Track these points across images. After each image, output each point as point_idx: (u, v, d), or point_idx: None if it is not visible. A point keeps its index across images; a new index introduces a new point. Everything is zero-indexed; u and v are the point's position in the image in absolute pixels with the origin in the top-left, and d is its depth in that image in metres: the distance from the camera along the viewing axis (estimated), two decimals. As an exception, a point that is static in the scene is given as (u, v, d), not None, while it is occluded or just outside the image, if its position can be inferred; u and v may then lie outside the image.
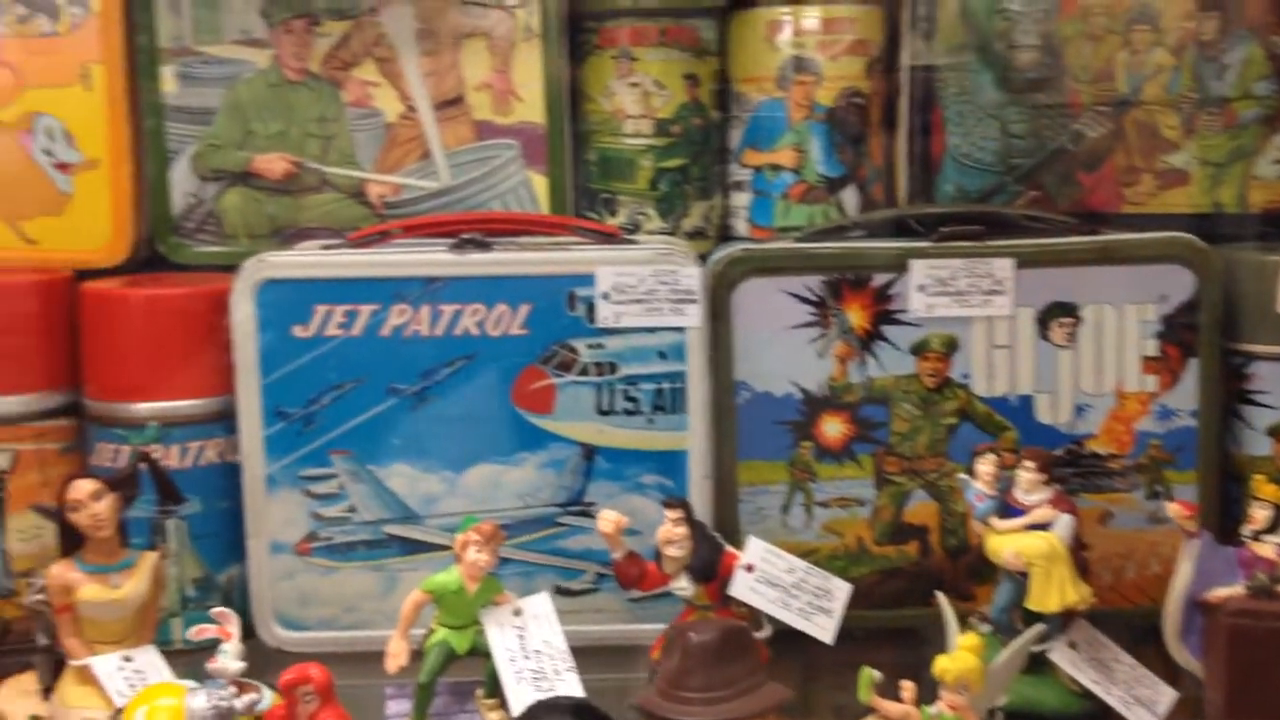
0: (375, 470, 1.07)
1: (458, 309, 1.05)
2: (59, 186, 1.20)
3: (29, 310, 1.11)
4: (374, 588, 1.08)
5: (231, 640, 0.80)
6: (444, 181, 1.22)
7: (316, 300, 1.05)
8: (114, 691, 0.84)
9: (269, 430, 1.06)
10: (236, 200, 1.21)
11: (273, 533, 1.07)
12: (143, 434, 0.94)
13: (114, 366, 1.10)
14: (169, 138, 1.20)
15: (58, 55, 1.18)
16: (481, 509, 1.07)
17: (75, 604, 0.86)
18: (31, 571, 1.11)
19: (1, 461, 1.09)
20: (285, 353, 1.05)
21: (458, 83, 1.21)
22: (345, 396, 1.06)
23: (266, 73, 1.20)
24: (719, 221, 1.26)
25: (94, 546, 0.87)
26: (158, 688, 0.78)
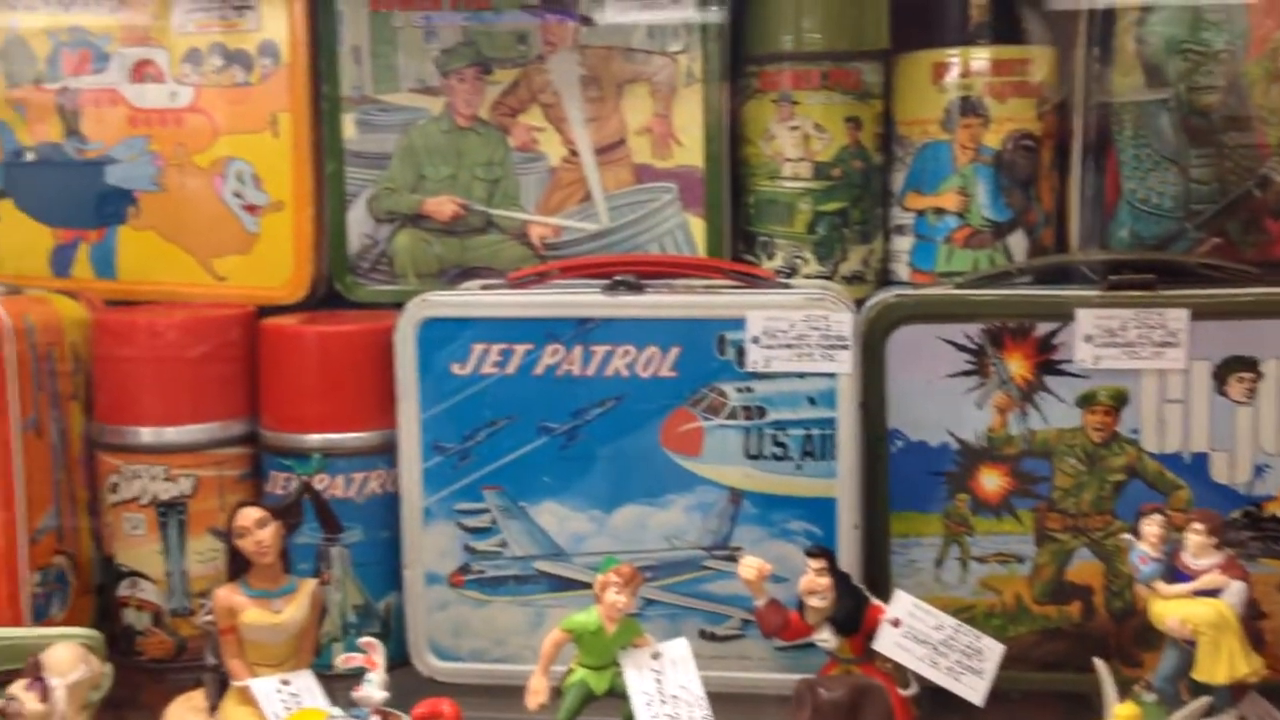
0: (526, 506, 1.08)
1: (609, 350, 1.06)
2: (246, 227, 1.27)
3: (215, 343, 1.17)
4: (523, 622, 1.09)
5: (377, 670, 0.82)
6: (603, 224, 1.23)
7: (474, 339, 1.07)
8: (271, 713, 0.87)
9: (427, 464, 1.09)
10: (407, 241, 1.26)
11: (428, 564, 1.10)
12: (308, 464, 0.98)
13: (287, 398, 1.15)
14: (348, 181, 1.26)
15: (249, 104, 1.25)
16: (628, 549, 1.07)
17: (239, 626, 0.90)
18: (207, 592, 1.17)
19: (184, 486, 1.15)
20: (443, 389, 1.08)
21: (619, 127, 1.23)
22: (499, 433, 1.08)
23: (439, 119, 1.24)
24: (878, 265, 1.23)
25: (258, 572, 0.91)
26: (305, 714, 0.80)
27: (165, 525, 1.15)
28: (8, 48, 1.27)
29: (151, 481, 1.15)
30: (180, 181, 1.27)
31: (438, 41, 1.23)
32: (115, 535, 1.17)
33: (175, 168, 1.27)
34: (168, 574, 1.16)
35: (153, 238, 1.28)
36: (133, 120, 1.26)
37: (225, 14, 1.24)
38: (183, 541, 1.16)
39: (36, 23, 1.26)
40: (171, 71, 1.26)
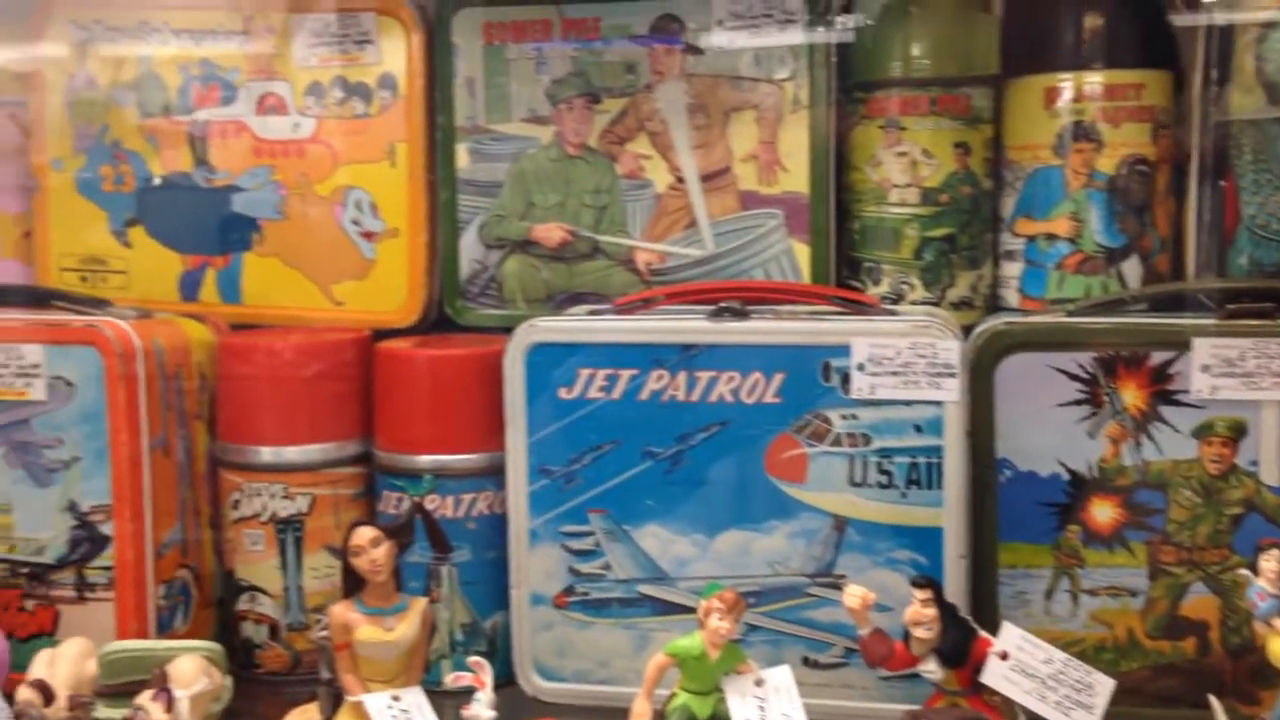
0: (630, 530, 1.09)
1: (713, 376, 1.06)
2: (364, 253, 1.30)
3: (332, 366, 1.20)
4: (626, 645, 1.10)
5: (485, 689, 0.83)
6: (708, 250, 1.24)
7: (580, 364, 1.08)
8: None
9: (533, 486, 1.10)
10: (516, 267, 1.28)
11: (534, 584, 1.11)
12: (419, 485, 1.00)
13: (400, 420, 1.17)
14: (460, 209, 1.28)
15: (368, 134, 1.29)
16: (731, 575, 1.07)
17: (353, 642, 0.92)
18: (322, 608, 1.20)
19: (301, 504, 1.18)
20: (550, 413, 1.09)
21: (725, 154, 1.23)
22: (604, 457, 1.09)
23: (548, 148, 1.26)
24: (987, 292, 1.21)
25: (372, 590, 0.93)
26: None
27: (283, 541, 1.19)
28: (141, 80, 1.33)
29: (271, 499, 1.18)
30: (302, 209, 1.31)
31: (548, 72, 1.25)
32: (236, 550, 1.21)
33: (297, 196, 1.31)
34: (285, 589, 1.19)
35: (275, 264, 1.32)
36: (258, 151, 1.31)
37: (346, 48, 1.28)
38: (299, 558, 1.19)
39: (169, 57, 1.32)
40: (295, 104, 1.30)
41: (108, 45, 1.33)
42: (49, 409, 1.13)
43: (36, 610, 1.15)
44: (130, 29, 1.32)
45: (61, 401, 1.13)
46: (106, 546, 1.13)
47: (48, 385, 1.12)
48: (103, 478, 1.13)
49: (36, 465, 1.14)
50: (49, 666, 0.91)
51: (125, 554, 1.13)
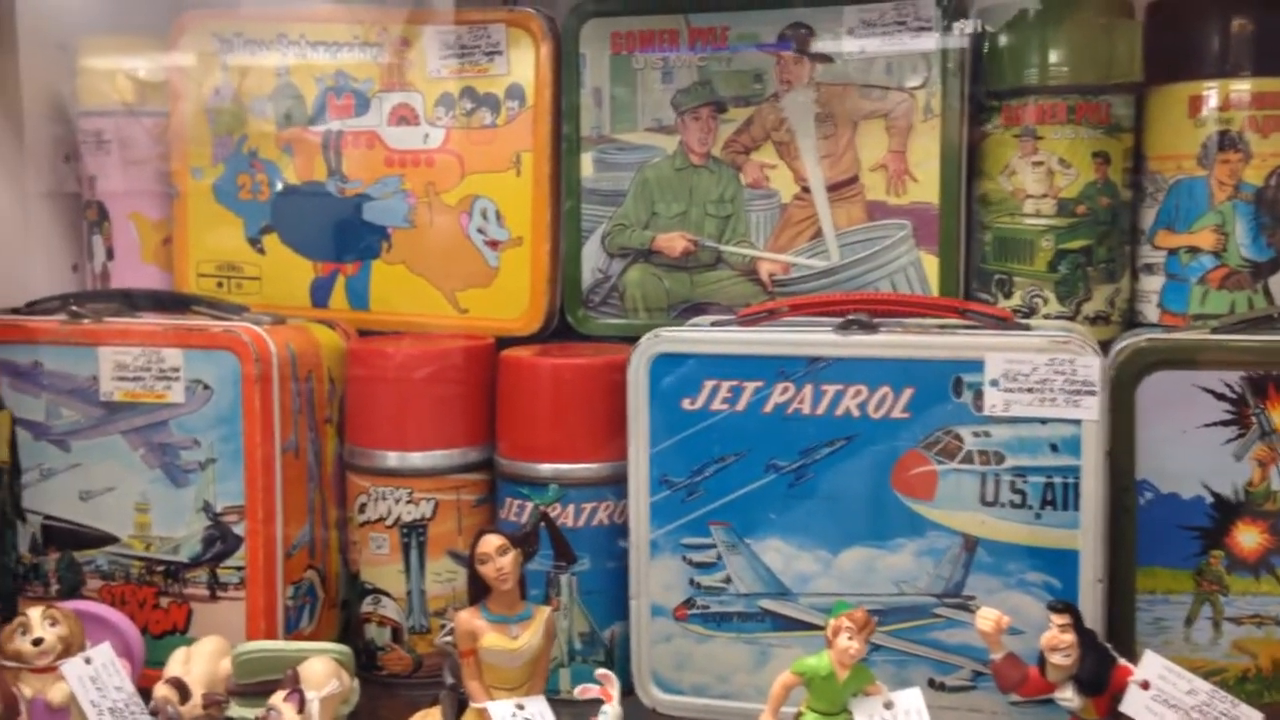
0: (752, 544, 1.07)
1: (840, 389, 1.04)
2: (488, 261, 1.30)
3: (458, 373, 1.21)
4: (746, 660, 1.08)
5: (612, 702, 0.82)
6: (833, 261, 1.21)
7: (705, 375, 1.07)
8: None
9: (655, 497, 1.09)
10: (637, 276, 1.27)
11: (653, 595, 1.10)
12: (545, 494, 0.99)
13: (523, 427, 1.17)
14: (583, 218, 1.28)
15: (495, 144, 1.29)
16: (855, 592, 1.04)
17: (478, 650, 0.91)
18: (444, 611, 1.20)
19: (424, 509, 1.19)
20: (673, 424, 1.08)
21: (853, 164, 1.20)
22: (727, 470, 1.07)
23: (672, 157, 1.25)
24: (1124, 306, 1.16)
25: (497, 597, 0.92)
26: None
27: (407, 546, 1.19)
28: (278, 91, 1.35)
29: (396, 503, 1.19)
30: (429, 218, 1.32)
31: (674, 81, 1.24)
32: (361, 553, 1.22)
33: (425, 205, 1.32)
34: (408, 593, 1.20)
35: (403, 271, 1.33)
36: (388, 161, 1.32)
37: (476, 59, 1.28)
38: (422, 562, 1.19)
39: (305, 68, 1.34)
40: (425, 114, 1.31)
41: (246, 57, 1.35)
42: (187, 411, 1.15)
43: (170, 607, 1.17)
44: (268, 41, 1.35)
45: (199, 404, 1.15)
46: (239, 547, 1.15)
47: (186, 388, 1.15)
48: (237, 479, 1.15)
49: (174, 466, 1.16)
50: (185, 664, 0.93)
51: (257, 554, 1.14)
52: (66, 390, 1.18)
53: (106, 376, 1.16)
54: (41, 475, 1.20)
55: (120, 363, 1.16)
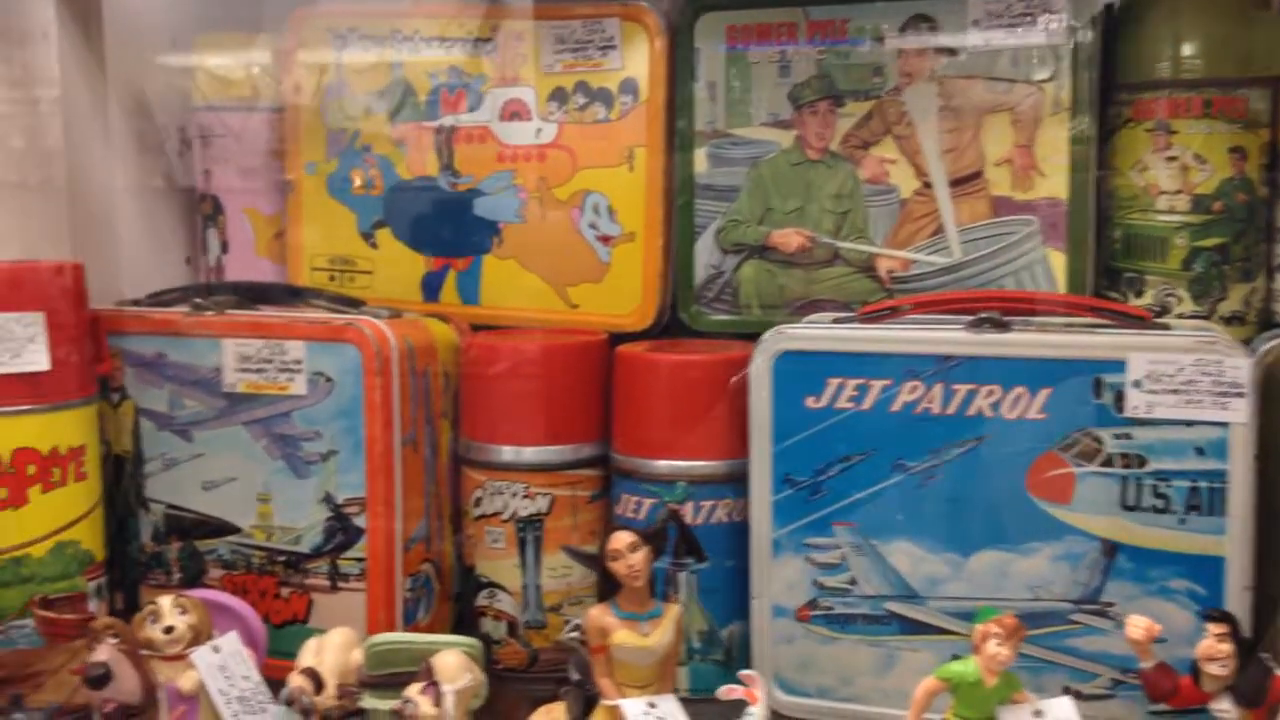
0: (878, 545, 1.04)
1: (972, 389, 1.00)
2: (600, 257, 1.29)
3: (575, 369, 1.19)
4: (872, 663, 1.05)
5: (759, 704, 0.80)
6: (955, 257, 1.18)
7: (830, 373, 1.04)
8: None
9: (777, 496, 1.07)
10: (752, 272, 1.24)
11: (775, 596, 1.07)
12: (674, 491, 0.97)
13: (641, 424, 1.15)
14: (696, 213, 1.26)
15: (608, 139, 1.27)
16: (987, 596, 1.01)
17: (609, 647, 0.90)
18: (559, 606, 1.19)
19: (541, 504, 1.18)
20: (797, 422, 1.05)
21: (977, 158, 1.17)
22: (852, 469, 1.04)
23: (789, 152, 1.22)
24: (1260, 305, 1.12)
25: (628, 595, 0.91)
26: None
27: (523, 540, 1.18)
28: (392, 87, 1.34)
29: (512, 498, 1.18)
30: (540, 213, 1.30)
31: (791, 75, 1.21)
32: (476, 547, 1.21)
33: (536, 200, 1.30)
34: (523, 587, 1.18)
35: (513, 266, 1.32)
36: (500, 156, 1.31)
37: (590, 54, 1.27)
38: (538, 557, 1.18)
39: (419, 64, 1.33)
40: (537, 109, 1.29)
41: (361, 52, 1.35)
42: (309, 403, 1.15)
43: (291, 597, 1.17)
44: (383, 36, 1.34)
45: (320, 396, 1.14)
46: (360, 538, 1.15)
47: (308, 380, 1.14)
48: (357, 471, 1.14)
49: (295, 457, 1.16)
50: (317, 655, 0.92)
51: (377, 546, 1.14)
52: (190, 381, 1.18)
53: (229, 368, 1.16)
54: (164, 465, 1.20)
55: (243, 354, 1.16)
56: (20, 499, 1.03)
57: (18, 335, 1.01)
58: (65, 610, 1.07)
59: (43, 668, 1.06)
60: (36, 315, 1.01)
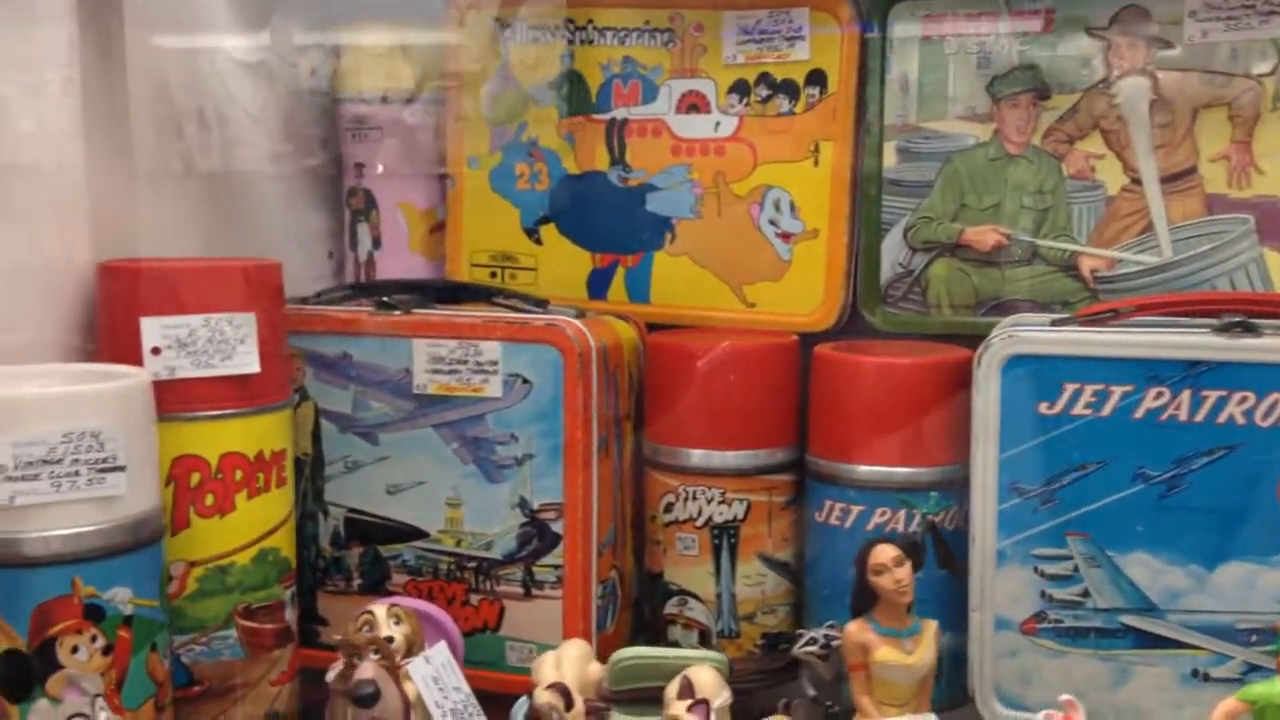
0: (1114, 556, 1.00)
1: (1222, 395, 0.96)
2: (780, 254, 1.25)
3: (770, 370, 1.15)
4: (1104, 678, 1.01)
5: None
6: (1165, 257, 1.14)
7: (1065, 378, 1.00)
8: (909, 757, 0.84)
9: (1004, 505, 1.03)
10: (942, 271, 1.21)
11: (998, 608, 1.04)
12: (926, 501, 0.94)
13: (842, 428, 1.11)
14: (884, 210, 1.22)
15: (792, 133, 1.23)
16: (1232, 610, 0.97)
17: (869, 664, 0.87)
18: (753, 615, 1.16)
19: (737, 510, 1.14)
20: (1026, 428, 1.01)
21: (1190, 154, 1.13)
22: (1088, 478, 1.00)
23: (986, 146, 1.18)
24: None
25: (886, 610, 0.87)
26: None
27: (717, 547, 1.15)
28: (562, 79, 1.30)
29: (707, 503, 1.14)
30: (717, 209, 1.27)
31: (991, 67, 1.17)
32: (665, 553, 1.17)
33: (713, 196, 1.27)
34: (717, 595, 1.15)
35: (687, 263, 1.28)
36: (675, 149, 1.27)
37: (776, 44, 1.23)
38: (733, 564, 1.14)
39: (591, 55, 1.29)
40: (717, 102, 1.26)
41: (529, 43, 1.31)
42: (504, 406, 1.11)
43: (481, 605, 1.14)
44: (552, 26, 1.30)
45: (517, 398, 1.11)
46: (557, 544, 1.11)
47: (504, 382, 1.11)
48: (554, 476, 1.11)
49: (488, 461, 1.12)
50: (556, 669, 0.89)
51: (576, 553, 1.11)
52: (376, 382, 1.15)
53: (420, 369, 1.13)
54: (346, 468, 1.17)
55: (435, 355, 1.12)
56: (227, 505, 1.00)
57: (229, 337, 0.98)
58: (265, 620, 1.04)
59: (243, 680, 1.04)
60: (248, 316, 0.98)
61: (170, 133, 1.19)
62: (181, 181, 1.23)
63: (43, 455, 0.81)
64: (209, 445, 0.99)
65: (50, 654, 0.83)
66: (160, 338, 0.96)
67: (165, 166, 1.21)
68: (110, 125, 1.08)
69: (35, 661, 0.83)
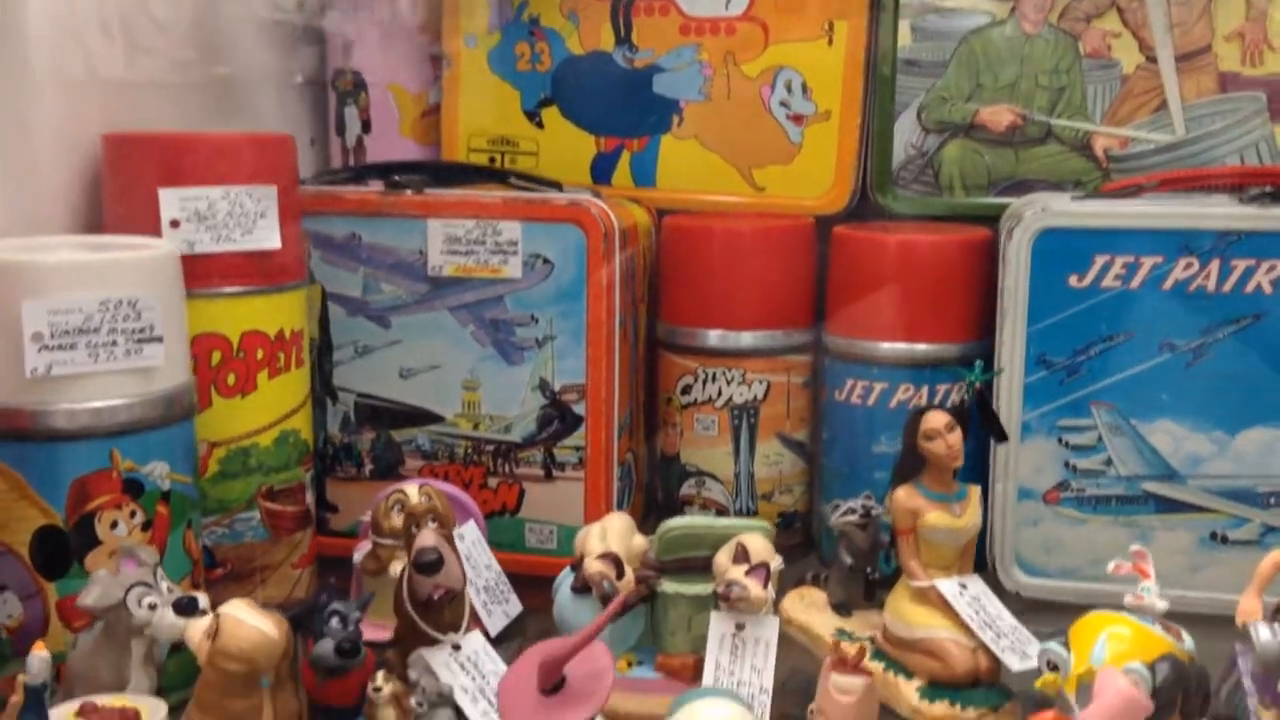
0: (1138, 425, 1.02)
1: (1250, 264, 0.98)
2: (790, 137, 1.24)
3: (789, 251, 1.15)
4: (1125, 543, 1.02)
5: (1150, 579, 0.78)
6: (1178, 134, 1.15)
7: (1097, 250, 1.01)
8: (964, 614, 0.85)
9: (1030, 378, 1.04)
10: (956, 152, 1.20)
11: (1022, 478, 1.05)
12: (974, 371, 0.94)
13: (864, 306, 1.11)
14: (898, 90, 1.21)
15: (805, 13, 1.21)
16: (1252, 474, 1.00)
17: (919, 528, 0.87)
18: (770, 494, 1.17)
19: (757, 391, 1.14)
20: (1056, 302, 1.02)
21: (1205, 32, 1.13)
22: (1115, 349, 1.02)
23: (1003, 25, 1.17)
24: None
25: (934, 476, 0.88)
26: (1106, 617, 0.76)
27: (737, 428, 1.15)
28: (566, -44, 1.27)
29: (728, 384, 1.14)
30: (726, 90, 1.25)
31: (1009, -56, 1.16)
32: (682, 435, 1.17)
33: (723, 77, 1.24)
34: (735, 475, 1.16)
35: (694, 146, 1.26)
36: (684, 29, 1.25)
37: (792, -82, 1.20)
38: (752, 444, 1.15)
39: (594, -68, 1.25)
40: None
41: (530, -84, 1.26)
42: (524, 286, 1.09)
43: (500, 488, 1.13)
44: (554, -101, 1.26)
45: (537, 279, 1.09)
46: (578, 426, 1.10)
47: (524, 263, 1.09)
48: (576, 357, 1.09)
49: (507, 343, 1.11)
50: (602, 540, 0.89)
51: (599, 434, 1.10)
52: (388, 265, 1.12)
53: (435, 250, 1.10)
54: (356, 353, 1.14)
55: (451, 235, 1.10)
56: (249, 385, 0.97)
57: (249, 210, 0.94)
58: (287, 503, 1.02)
59: (266, 562, 1.02)
60: (269, 189, 0.94)
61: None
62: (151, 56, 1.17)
63: (79, 324, 0.78)
64: (230, 323, 0.96)
65: (89, 530, 0.81)
66: (179, 209, 0.92)
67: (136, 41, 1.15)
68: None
69: (74, 537, 0.80)
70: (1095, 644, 0.72)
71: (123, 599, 0.72)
